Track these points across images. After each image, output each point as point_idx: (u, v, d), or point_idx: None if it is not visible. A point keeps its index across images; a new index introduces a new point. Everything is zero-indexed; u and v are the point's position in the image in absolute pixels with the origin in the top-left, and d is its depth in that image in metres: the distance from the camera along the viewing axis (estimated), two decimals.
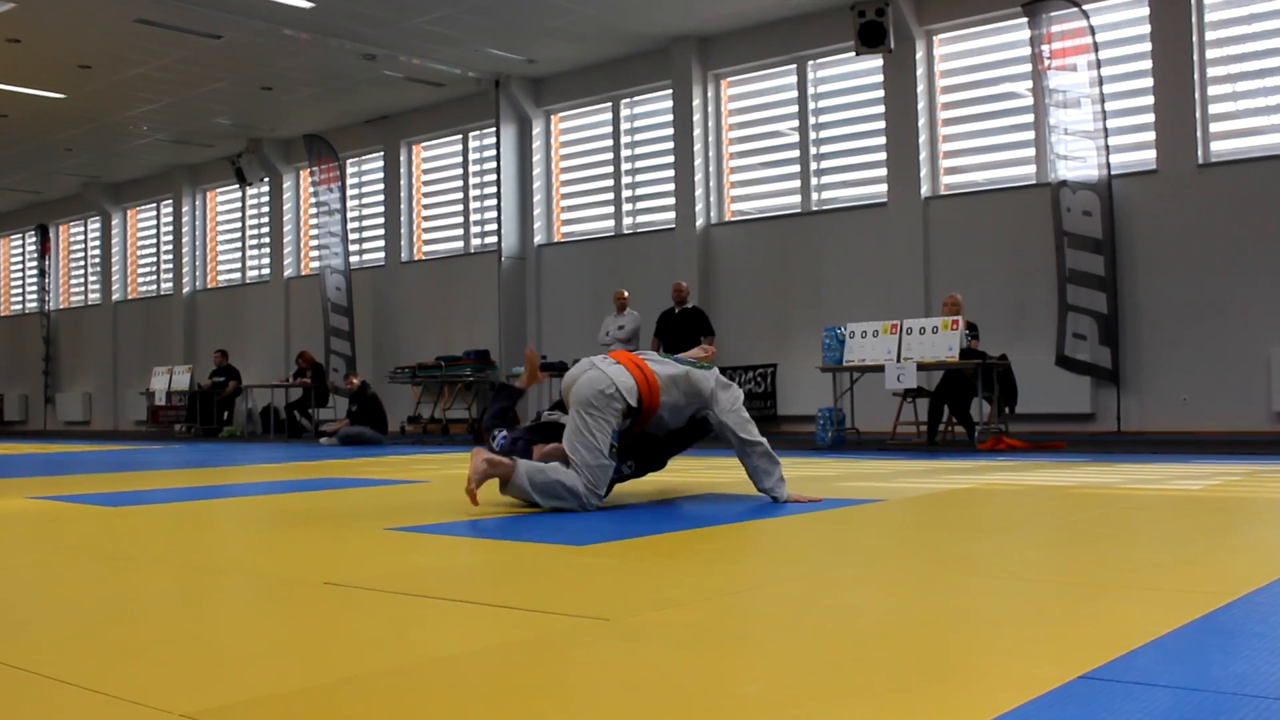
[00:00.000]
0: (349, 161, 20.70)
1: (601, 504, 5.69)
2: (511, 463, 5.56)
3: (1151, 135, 12.76)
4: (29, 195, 26.36)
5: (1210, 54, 12.52)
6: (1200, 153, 12.46)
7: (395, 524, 5.30)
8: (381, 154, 20.28)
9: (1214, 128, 12.52)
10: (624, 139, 17.38)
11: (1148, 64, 12.78)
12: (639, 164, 17.28)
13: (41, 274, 27.19)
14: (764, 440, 5.99)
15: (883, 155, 14.67)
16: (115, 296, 25.93)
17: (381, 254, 20.38)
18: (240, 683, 2.43)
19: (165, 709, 2.17)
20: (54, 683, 2.41)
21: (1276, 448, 9.98)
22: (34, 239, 27.71)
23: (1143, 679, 2.27)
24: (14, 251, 29.44)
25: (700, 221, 16.04)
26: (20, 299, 29.24)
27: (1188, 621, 2.80)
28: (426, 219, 20.01)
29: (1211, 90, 12.52)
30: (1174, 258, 12.49)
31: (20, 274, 29.21)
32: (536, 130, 18.12)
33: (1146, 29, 12.79)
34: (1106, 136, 12.60)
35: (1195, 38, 12.45)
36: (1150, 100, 12.75)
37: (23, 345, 28.15)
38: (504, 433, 6.25)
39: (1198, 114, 12.46)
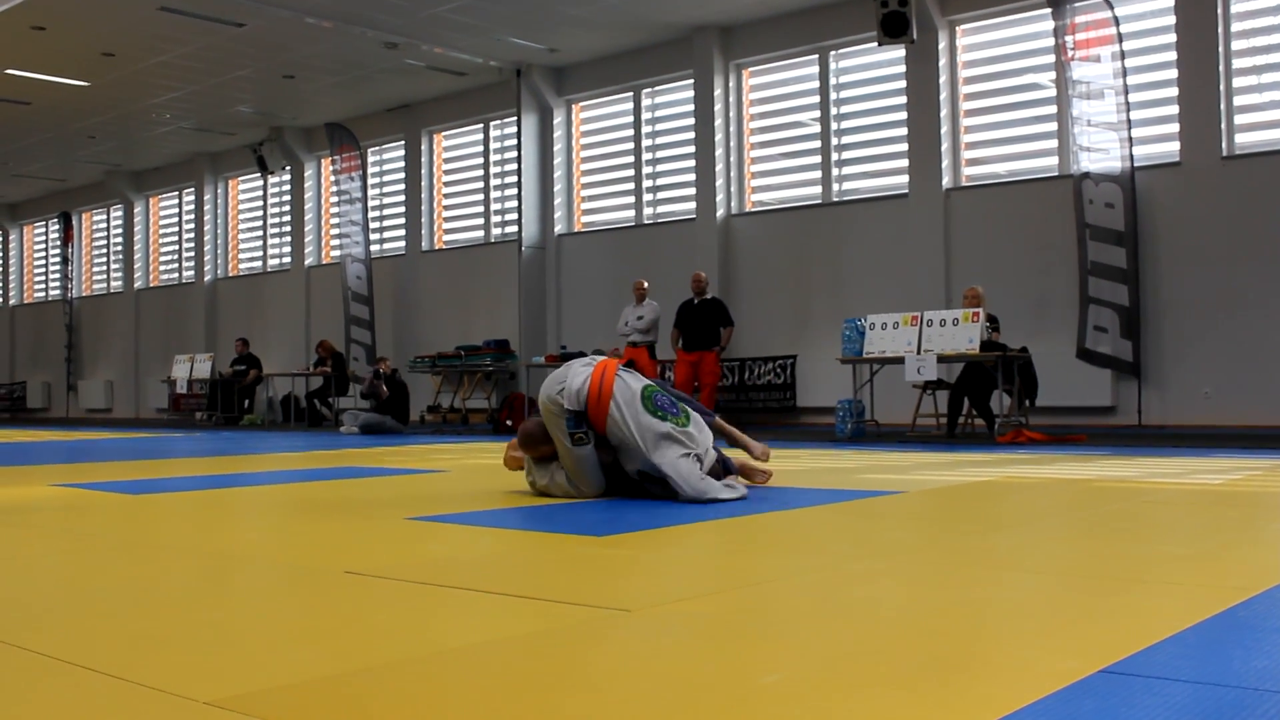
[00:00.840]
0: (370, 150, 20.74)
1: (598, 492, 5.75)
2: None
3: (1175, 127, 12.70)
4: (52, 183, 26.50)
5: (1235, 45, 12.44)
6: (1224, 145, 12.39)
7: (416, 513, 5.32)
8: (403, 143, 20.30)
9: (1238, 120, 12.45)
10: (645, 129, 17.36)
11: (1172, 55, 12.71)
12: (660, 154, 17.27)
13: (64, 261, 27.32)
14: (705, 490, 5.58)
15: (904, 146, 14.63)
16: (137, 284, 26.05)
17: (402, 243, 20.42)
18: (262, 671, 2.44)
19: (188, 696, 2.18)
20: (78, 669, 2.43)
21: None
22: (57, 226, 27.84)
23: (1163, 674, 2.26)
24: (37, 239, 29.59)
25: (721, 212, 16.02)
26: (43, 286, 29.40)
27: (1209, 616, 2.79)
28: (447, 208, 20.04)
29: (1236, 82, 12.44)
30: (1197, 250, 12.43)
31: (43, 261, 29.36)
32: (557, 120, 18.12)
33: (1171, 20, 12.72)
34: (1130, 128, 12.53)
35: (1220, 29, 12.37)
36: (1174, 92, 12.68)
37: (45, 333, 28.31)
38: None
39: (1222, 106, 12.38)
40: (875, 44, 14.20)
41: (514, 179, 18.37)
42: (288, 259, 22.70)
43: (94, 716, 2.13)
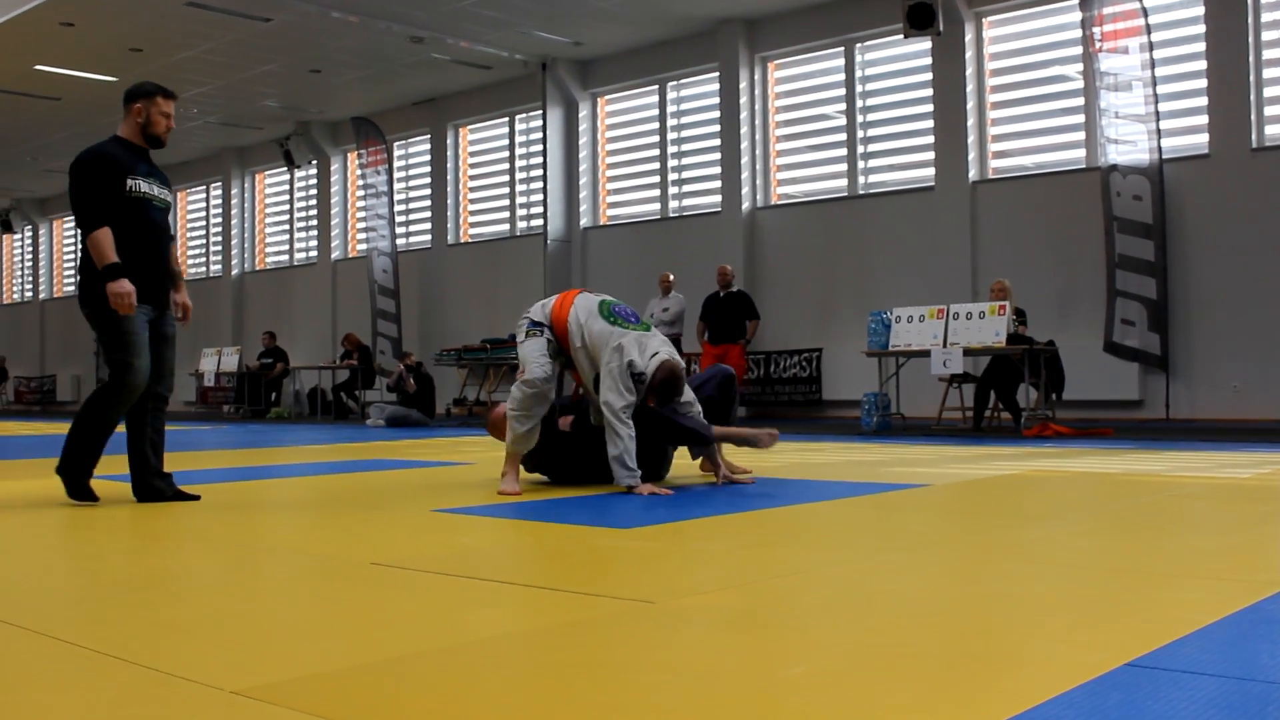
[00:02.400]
0: (396, 144, 20.79)
1: (543, 382, 5.86)
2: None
3: (1204, 119, 12.60)
4: None
5: (1265, 36, 12.33)
6: (1254, 136, 12.29)
7: (441, 505, 5.34)
8: (428, 136, 20.35)
9: (1268, 111, 12.33)
10: (670, 121, 17.35)
11: (1201, 46, 12.61)
12: (685, 147, 17.25)
13: None
14: (612, 405, 5.71)
15: (930, 139, 14.56)
16: None
17: (428, 236, 20.47)
18: (288, 661, 2.46)
19: (215, 685, 2.20)
20: (106, 658, 2.45)
21: None
22: None
23: (1189, 667, 2.25)
24: (67, 234, 29.79)
25: (746, 205, 16.00)
26: (73, 280, 29.58)
27: (1235, 610, 2.78)
28: (473, 201, 20.07)
29: (1266, 73, 12.33)
30: (1226, 243, 12.33)
31: (73, 255, 29.56)
32: (583, 113, 18.12)
33: (1200, 10, 12.61)
34: (1158, 120, 12.44)
35: (1250, 19, 12.26)
36: (1203, 83, 12.58)
37: (75, 326, 28.47)
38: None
39: (1251, 97, 12.28)
40: (901, 36, 14.14)
41: (539, 172, 18.39)
42: (314, 253, 22.79)
43: (122, 705, 2.15)
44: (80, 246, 5.42)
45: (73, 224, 28.93)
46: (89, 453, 5.47)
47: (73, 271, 29.30)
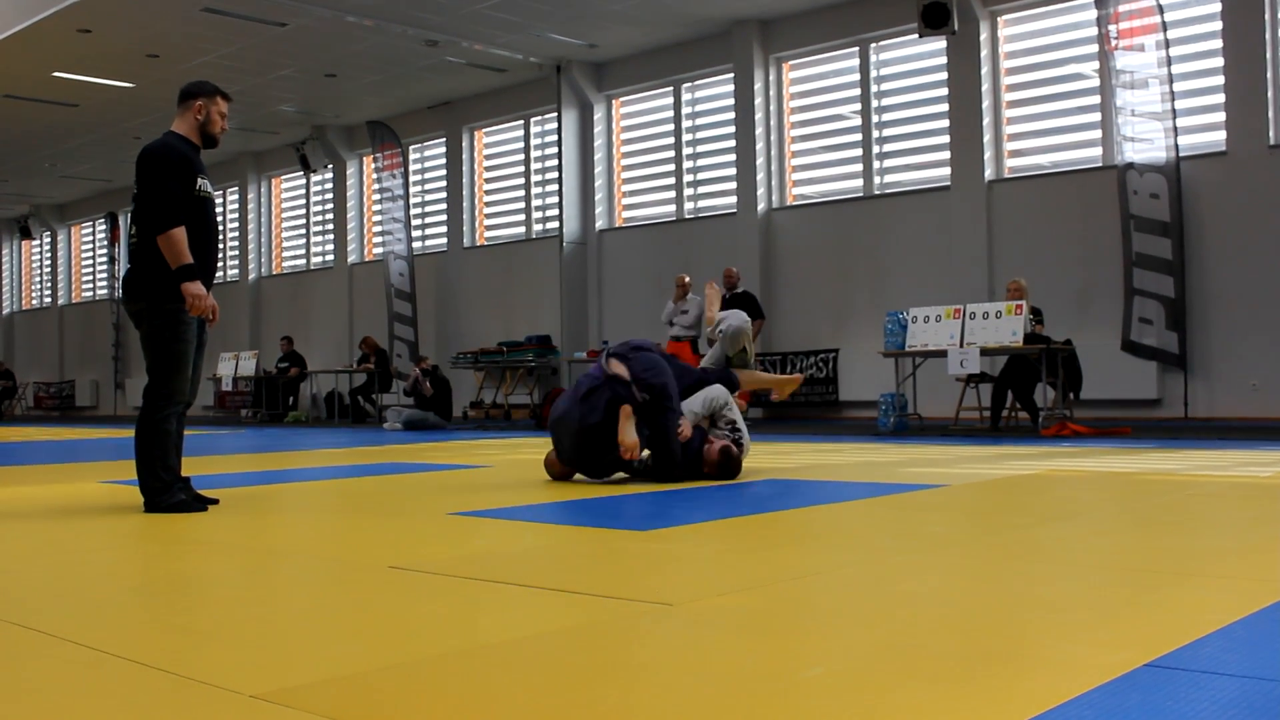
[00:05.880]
0: (412, 147, 20.83)
1: None
2: None
3: (1221, 116, 12.54)
4: (100, 183, 26.78)
5: None
6: (1272, 133, 12.22)
7: (459, 509, 5.35)
8: (444, 140, 20.38)
9: None
10: (685, 123, 17.34)
11: (1217, 43, 12.55)
12: (700, 148, 17.25)
13: (111, 261, 27.61)
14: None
15: (946, 138, 14.53)
16: None
17: (444, 239, 20.51)
18: (307, 665, 2.46)
19: (234, 689, 2.21)
20: (127, 663, 2.46)
21: None
22: (104, 226, 28.14)
23: (1210, 667, 2.24)
24: (84, 239, 29.92)
25: (762, 206, 15.99)
26: (91, 286, 29.73)
27: (1257, 610, 2.76)
28: (488, 204, 20.10)
29: None
30: (1244, 241, 12.28)
31: (90, 261, 29.69)
32: (598, 115, 18.13)
33: (1216, 7, 12.56)
34: (1175, 118, 12.39)
35: (1267, 15, 12.20)
36: (1220, 80, 12.53)
37: (94, 332, 28.64)
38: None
39: (1269, 94, 12.22)
40: (916, 35, 14.12)
41: (555, 175, 18.40)
42: (331, 256, 22.85)
43: (142, 710, 2.15)
44: (137, 239, 5.36)
45: (91, 228, 29.11)
46: (165, 468, 5.36)
47: (90, 276, 29.47)
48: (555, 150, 18.27)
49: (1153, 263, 12.45)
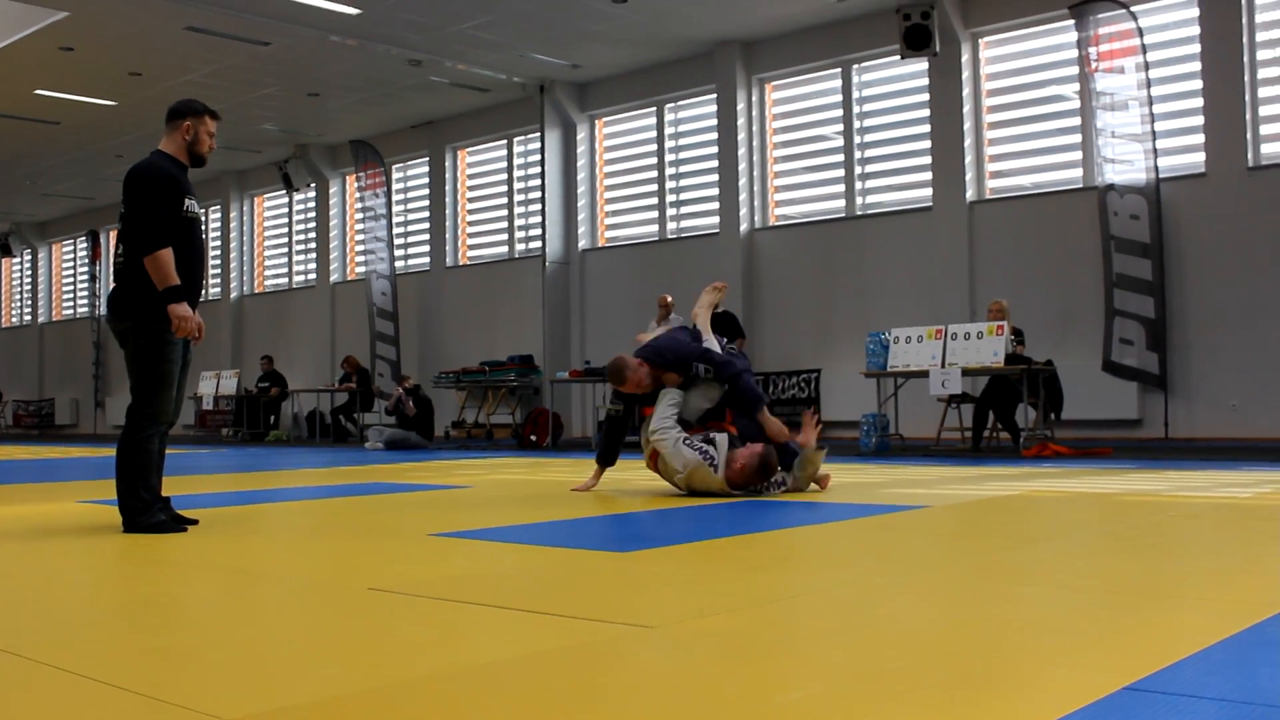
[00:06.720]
0: (394, 167, 20.83)
1: None
2: None
3: (1200, 138, 12.63)
4: (81, 201, 26.70)
5: (1260, 55, 12.37)
6: (1250, 155, 12.32)
7: (439, 529, 5.34)
8: (427, 159, 20.39)
9: (1264, 130, 12.37)
10: (668, 143, 17.38)
11: (1196, 66, 12.65)
12: (683, 169, 17.29)
13: (92, 279, 27.53)
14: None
15: (927, 159, 14.59)
16: None
17: (426, 259, 20.49)
18: (285, 688, 2.45)
19: (211, 713, 2.19)
20: (104, 686, 2.45)
21: None
22: (85, 245, 28.06)
23: (1189, 690, 2.25)
24: (65, 257, 29.82)
25: (744, 226, 16.02)
26: (71, 304, 29.62)
27: (1236, 632, 2.77)
28: (471, 224, 20.10)
29: (1262, 92, 12.37)
30: (1223, 262, 12.35)
31: (71, 279, 29.58)
32: (581, 135, 18.16)
33: (1195, 30, 12.66)
34: (1154, 139, 12.48)
35: (1245, 39, 12.31)
36: (1199, 102, 12.62)
37: (74, 350, 28.52)
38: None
39: (1248, 116, 12.31)
40: (898, 57, 14.18)
41: (538, 194, 18.41)
42: (313, 275, 22.81)
43: None
44: (124, 259, 5.36)
45: (72, 246, 29.01)
46: (146, 487, 5.33)
47: (71, 294, 29.36)
48: (538, 170, 18.28)
49: (1133, 283, 12.51)
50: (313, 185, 22.13)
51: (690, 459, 6.56)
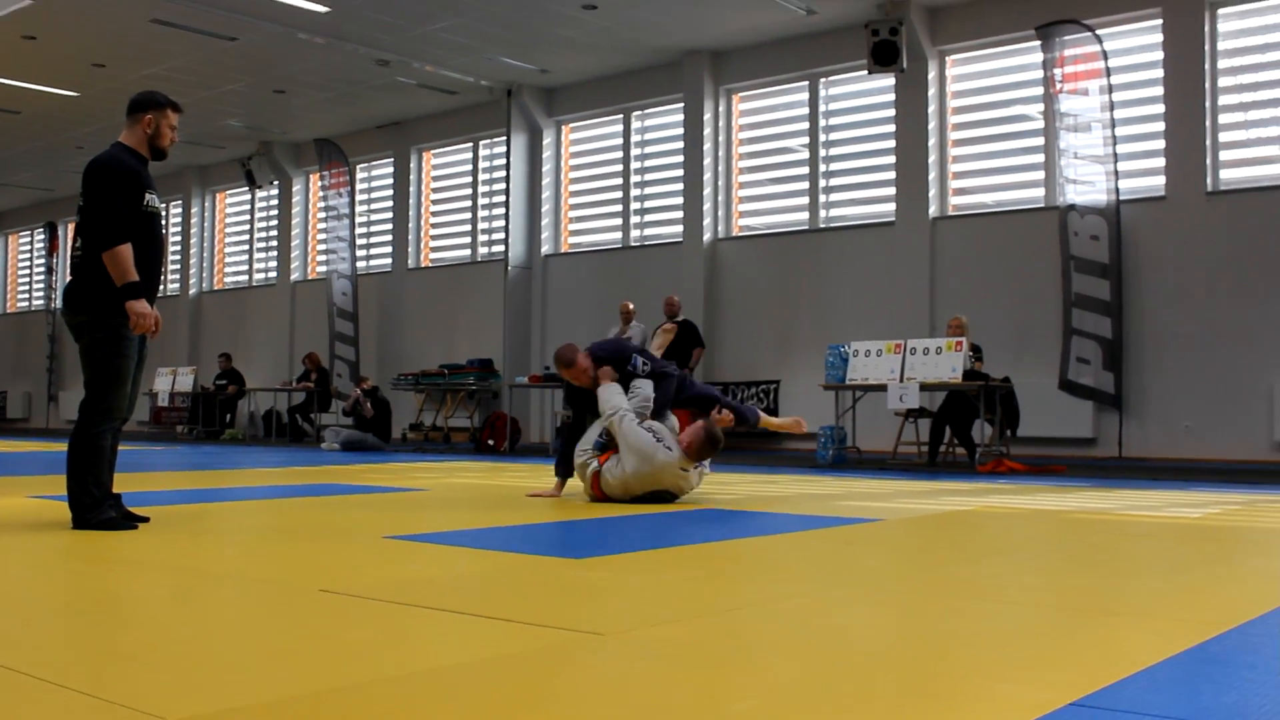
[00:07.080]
0: (359, 166, 20.75)
1: None
2: None
3: (1161, 161, 12.76)
4: (40, 192, 26.44)
5: (1222, 82, 12.53)
6: (1209, 180, 12.46)
7: (394, 532, 5.31)
8: (392, 160, 20.32)
9: (1224, 155, 12.52)
10: (634, 151, 17.40)
11: (1159, 90, 12.79)
12: (648, 176, 17.31)
13: (49, 271, 27.24)
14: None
15: (892, 174, 14.66)
16: None
17: (389, 260, 20.41)
18: (233, 689, 2.43)
19: (157, 714, 2.17)
20: (47, 685, 2.42)
21: (1277, 477, 9.97)
22: (43, 236, 27.77)
23: (1133, 707, 2.27)
24: (22, 248, 29.51)
25: (708, 236, 16.05)
26: (26, 296, 29.30)
27: (1181, 650, 2.80)
28: (435, 226, 20.04)
29: (1222, 118, 12.52)
30: (1180, 285, 12.48)
31: (27, 271, 29.27)
32: (547, 140, 18.15)
33: (1159, 55, 12.80)
34: (1116, 161, 12.60)
35: (1207, 65, 12.46)
36: (1161, 126, 12.75)
37: (28, 343, 28.20)
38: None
39: (1208, 141, 12.46)
40: (865, 72, 14.24)
41: (502, 198, 18.38)
42: (273, 274, 22.67)
43: None
44: (81, 252, 5.30)
45: (29, 237, 28.71)
46: (97, 484, 5.27)
47: (26, 286, 29.05)
48: (504, 174, 18.25)
49: (1091, 303, 12.62)
50: (276, 183, 22.01)
51: (644, 442, 6.78)
